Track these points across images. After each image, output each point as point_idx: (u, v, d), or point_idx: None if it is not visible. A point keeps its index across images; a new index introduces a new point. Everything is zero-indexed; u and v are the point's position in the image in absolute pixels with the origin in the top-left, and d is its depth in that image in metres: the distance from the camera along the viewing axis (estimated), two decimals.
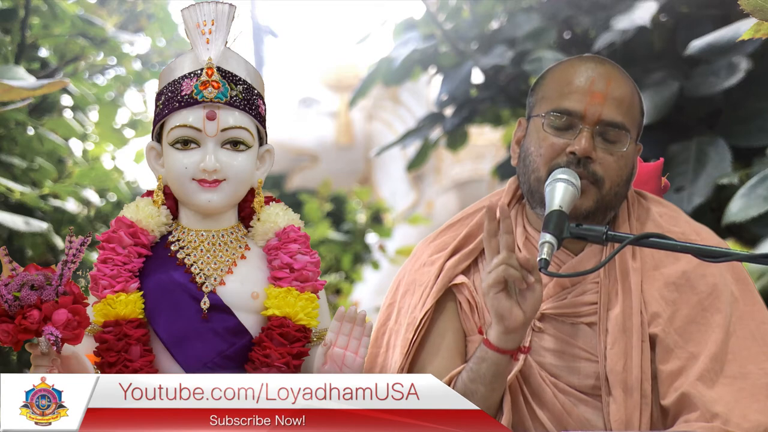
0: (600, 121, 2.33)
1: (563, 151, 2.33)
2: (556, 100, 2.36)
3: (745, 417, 2.20)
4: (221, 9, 2.32)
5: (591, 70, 2.37)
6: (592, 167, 2.32)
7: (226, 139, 2.29)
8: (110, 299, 2.25)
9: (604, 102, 2.34)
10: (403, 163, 7.93)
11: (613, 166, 2.34)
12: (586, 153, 2.31)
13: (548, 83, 2.40)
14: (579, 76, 2.36)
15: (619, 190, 2.37)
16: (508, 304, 2.19)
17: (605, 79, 2.36)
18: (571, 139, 2.33)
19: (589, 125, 2.33)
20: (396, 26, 6.23)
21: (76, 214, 4.83)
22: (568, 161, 2.32)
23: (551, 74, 2.41)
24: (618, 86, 2.37)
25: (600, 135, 2.34)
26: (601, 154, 2.33)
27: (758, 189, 3.83)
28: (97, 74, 5.57)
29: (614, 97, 2.35)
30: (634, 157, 2.40)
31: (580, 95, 2.34)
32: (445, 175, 8.58)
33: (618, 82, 2.37)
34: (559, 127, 2.35)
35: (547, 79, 2.42)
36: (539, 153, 2.35)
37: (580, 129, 2.33)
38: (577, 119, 2.34)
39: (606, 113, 2.34)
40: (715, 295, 2.31)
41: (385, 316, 2.49)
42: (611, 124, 2.34)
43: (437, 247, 2.48)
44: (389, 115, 8.67)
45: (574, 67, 2.39)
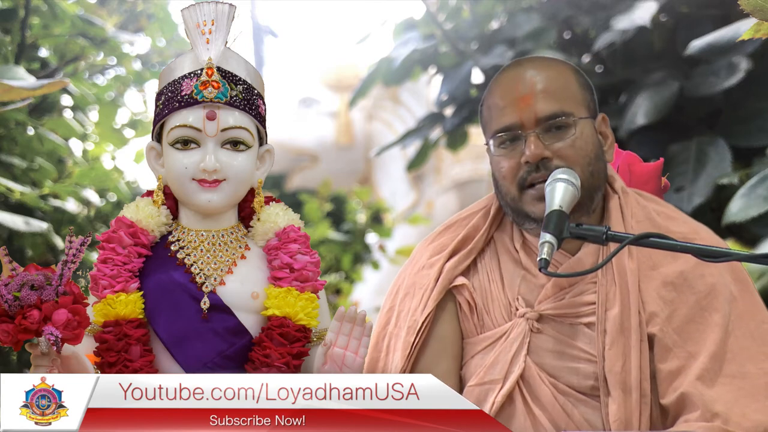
0: (537, 119, 2.34)
1: (520, 165, 2.34)
2: (495, 121, 2.38)
3: (744, 416, 2.20)
4: (221, 9, 2.32)
5: (513, 77, 2.38)
6: (553, 164, 2.33)
7: (226, 139, 2.29)
8: (110, 299, 2.25)
9: (533, 101, 2.34)
10: (403, 163, 7.93)
11: (571, 152, 2.34)
12: (537, 157, 2.32)
13: (486, 109, 2.43)
14: (505, 90, 2.38)
15: (594, 168, 2.37)
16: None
17: (527, 80, 2.36)
18: (522, 148, 2.34)
19: (530, 129, 2.34)
20: (396, 26, 6.23)
21: (76, 214, 4.83)
22: (528, 171, 2.33)
23: (487, 99, 2.43)
24: (542, 78, 2.37)
25: (547, 131, 2.34)
26: (555, 147, 2.34)
27: (758, 189, 3.83)
28: (97, 74, 5.57)
29: (541, 90, 2.35)
30: (594, 131, 2.39)
31: (512, 106, 2.35)
32: (445, 175, 8.58)
33: (541, 74, 2.37)
34: (507, 145, 2.36)
35: (484, 105, 2.44)
36: (502, 176, 2.37)
37: (525, 137, 2.34)
38: (517, 130, 2.35)
39: (540, 110, 2.34)
40: (713, 295, 2.31)
41: (385, 320, 2.49)
42: (548, 117, 2.34)
43: (436, 249, 2.48)
44: (389, 115, 8.67)
45: (499, 83, 2.40)
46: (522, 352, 2.34)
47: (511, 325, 2.37)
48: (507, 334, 2.36)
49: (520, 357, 2.34)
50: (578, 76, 2.41)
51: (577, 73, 2.41)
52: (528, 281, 2.39)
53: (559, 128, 2.34)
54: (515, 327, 2.36)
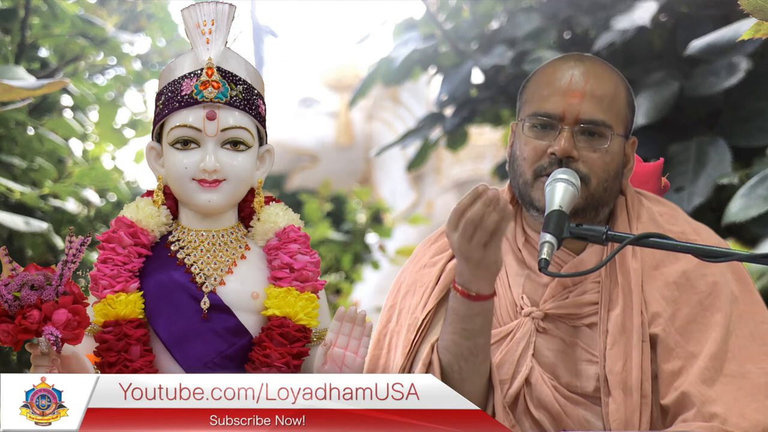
0: (579, 119, 2.34)
1: (545, 153, 2.34)
2: (537, 103, 2.37)
3: (743, 416, 2.20)
4: (221, 9, 2.32)
5: (570, 69, 2.37)
6: (575, 166, 2.32)
7: (226, 139, 2.29)
8: (110, 299, 2.25)
9: (582, 100, 2.34)
10: (403, 163, 7.93)
11: (598, 163, 2.34)
12: (566, 153, 2.32)
13: (531, 86, 2.42)
14: (558, 77, 2.37)
15: (609, 185, 2.37)
16: (496, 252, 2.18)
17: (584, 77, 2.36)
18: (552, 140, 2.34)
19: (568, 125, 2.33)
20: (396, 26, 6.24)
21: (76, 214, 4.83)
22: (550, 162, 2.33)
23: (535, 77, 2.42)
24: (598, 83, 2.36)
25: (582, 133, 2.34)
26: (584, 152, 2.33)
27: (758, 189, 3.83)
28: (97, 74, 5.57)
29: (594, 94, 2.35)
30: (622, 151, 2.40)
31: (559, 96, 2.35)
32: (445, 175, 8.58)
33: (598, 79, 2.37)
34: (540, 129, 2.35)
35: (531, 81, 2.43)
36: (523, 157, 2.37)
37: (560, 129, 2.33)
38: (556, 120, 2.34)
39: (585, 111, 2.34)
40: (715, 295, 2.31)
41: (386, 318, 2.49)
42: (591, 121, 2.34)
43: (438, 248, 2.48)
44: (389, 115, 8.67)
45: (554, 68, 2.40)
46: (528, 352, 2.34)
47: (516, 323, 2.37)
48: (513, 333, 2.36)
49: (526, 357, 2.33)
50: (628, 93, 2.41)
51: (628, 91, 2.41)
52: (532, 280, 2.39)
53: (593, 135, 2.34)
54: (521, 326, 2.36)
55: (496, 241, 2.15)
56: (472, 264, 2.18)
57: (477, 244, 2.14)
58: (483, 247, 2.15)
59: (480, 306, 2.22)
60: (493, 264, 2.18)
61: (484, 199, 2.13)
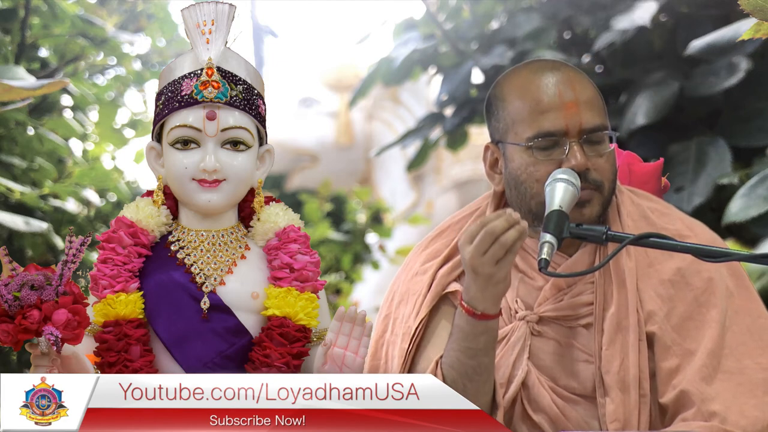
0: (582, 130, 2.32)
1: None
2: (533, 124, 2.33)
3: (742, 414, 2.20)
4: (221, 9, 2.32)
5: (552, 79, 2.34)
6: (592, 176, 2.32)
7: (226, 139, 2.29)
8: (110, 299, 2.25)
9: (578, 110, 2.32)
10: (403, 163, 7.93)
11: (606, 167, 2.34)
12: (584, 167, 2.30)
13: (513, 106, 2.36)
14: (543, 91, 2.33)
15: (613, 186, 2.38)
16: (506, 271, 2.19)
17: (569, 86, 2.34)
18: (560, 155, 2.31)
19: (574, 138, 2.32)
20: (396, 26, 6.24)
21: (76, 214, 4.83)
22: None
23: (511, 95, 2.36)
24: (582, 87, 2.35)
25: (586, 142, 2.33)
26: (593, 159, 2.32)
27: (758, 189, 3.83)
28: (97, 74, 5.58)
29: (585, 100, 2.34)
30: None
31: (555, 111, 2.32)
32: (445, 175, 8.58)
33: (580, 83, 2.36)
34: (546, 148, 2.33)
35: (508, 102, 2.37)
36: (535, 179, 2.32)
37: (569, 144, 2.31)
38: (561, 137, 2.32)
39: (585, 121, 2.32)
40: (710, 291, 2.31)
41: (382, 329, 2.48)
42: (593, 129, 2.33)
43: (429, 255, 2.47)
44: (389, 115, 8.67)
45: (533, 82, 2.35)
46: (524, 355, 2.33)
47: (511, 328, 2.36)
48: (507, 337, 2.35)
49: (522, 361, 2.33)
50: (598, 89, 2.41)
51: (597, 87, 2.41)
52: (526, 284, 2.38)
53: (595, 142, 2.34)
54: (515, 330, 2.35)
55: (509, 258, 2.15)
56: (481, 279, 2.17)
57: (490, 257, 2.14)
58: (495, 262, 2.15)
59: (484, 325, 2.22)
60: (502, 282, 2.18)
61: (507, 216, 2.14)
